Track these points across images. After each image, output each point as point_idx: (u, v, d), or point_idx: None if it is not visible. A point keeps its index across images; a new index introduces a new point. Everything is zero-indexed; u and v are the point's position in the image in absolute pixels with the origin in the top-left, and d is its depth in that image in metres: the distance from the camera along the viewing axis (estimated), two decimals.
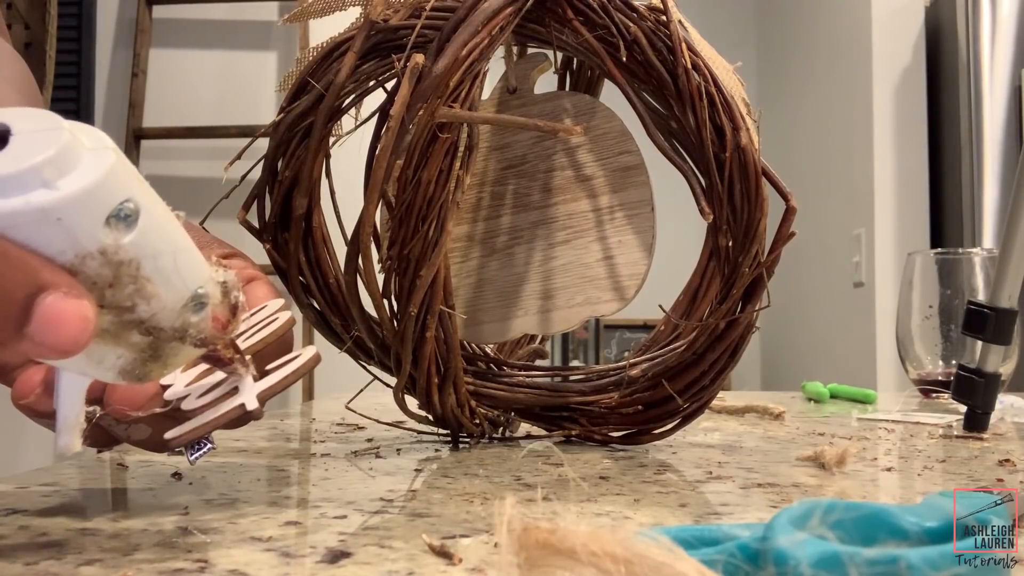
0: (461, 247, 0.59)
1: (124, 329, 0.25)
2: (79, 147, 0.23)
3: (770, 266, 0.50)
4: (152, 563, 0.26)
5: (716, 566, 0.20)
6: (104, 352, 0.25)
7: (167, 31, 2.51)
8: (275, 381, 0.31)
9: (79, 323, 0.23)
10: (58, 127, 0.23)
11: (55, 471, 0.44)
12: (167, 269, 0.25)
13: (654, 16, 0.50)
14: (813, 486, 0.41)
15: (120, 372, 0.26)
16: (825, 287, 2.72)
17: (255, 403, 0.30)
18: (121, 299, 0.25)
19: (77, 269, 0.24)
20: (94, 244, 0.23)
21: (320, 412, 0.81)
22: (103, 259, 0.24)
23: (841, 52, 2.57)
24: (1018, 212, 0.64)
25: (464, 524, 0.31)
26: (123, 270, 0.24)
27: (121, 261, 0.24)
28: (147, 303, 0.25)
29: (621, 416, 0.55)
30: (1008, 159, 2.02)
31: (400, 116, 0.46)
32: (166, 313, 0.26)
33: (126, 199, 0.24)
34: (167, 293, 0.26)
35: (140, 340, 0.26)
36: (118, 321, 0.25)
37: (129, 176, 0.24)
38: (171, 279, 0.26)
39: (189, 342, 0.27)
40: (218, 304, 0.28)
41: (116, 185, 0.24)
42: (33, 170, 0.22)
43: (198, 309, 0.27)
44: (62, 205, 0.23)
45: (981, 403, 0.64)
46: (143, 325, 0.25)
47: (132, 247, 0.24)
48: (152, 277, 0.25)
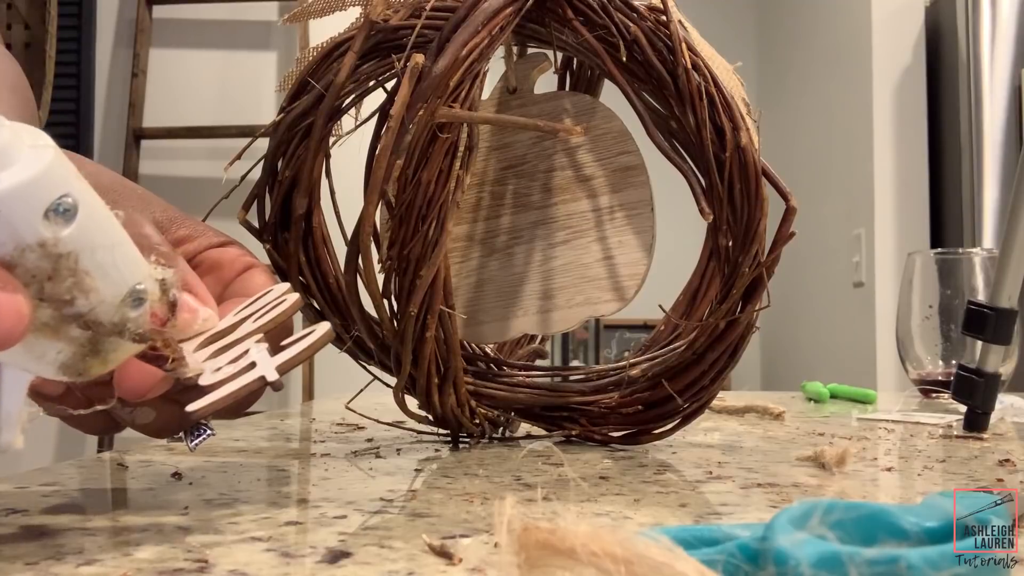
0: (461, 247, 0.59)
1: (63, 323, 0.26)
2: (19, 143, 0.24)
3: (770, 266, 0.50)
4: (152, 563, 0.26)
5: (716, 566, 0.20)
6: (44, 347, 0.26)
7: (167, 31, 2.51)
8: (293, 354, 0.31)
9: (14, 316, 0.24)
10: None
11: (55, 471, 0.44)
12: (105, 263, 0.26)
13: (654, 16, 0.50)
14: (813, 486, 0.41)
15: (60, 367, 0.27)
16: (825, 287, 2.72)
17: (275, 375, 0.30)
18: (60, 292, 0.25)
19: (16, 262, 0.24)
20: (33, 237, 0.24)
21: (320, 412, 0.81)
22: (42, 252, 0.24)
23: (841, 52, 2.57)
24: (1018, 212, 0.64)
25: (464, 524, 0.31)
26: (62, 263, 0.25)
27: (60, 254, 0.25)
28: (86, 297, 0.26)
29: (621, 416, 0.55)
30: (1008, 159, 2.02)
31: (400, 116, 0.46)
32: (105, 308, 0.26)
33: (64, 194, 0.25)
34: (105, 287, 0.26)
35: (79, 335, 0.26)
36: (57, 315, 0.26)
37: (68, 172, 0.25)
38: (109, 273, 0.26)
39: (128, 337, 0.28)
40: (156, 301, 0.29)
41: (55, 180, 0.24)
42: None
43: (136, 304, 0.28)
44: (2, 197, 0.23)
45: (981, 403, 0.64)
46: (82, 319, 0.26)
47: (71, 240, 0.25)
48: (91, 270, 0.26)
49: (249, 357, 0.31)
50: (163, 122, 2.43)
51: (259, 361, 0.31)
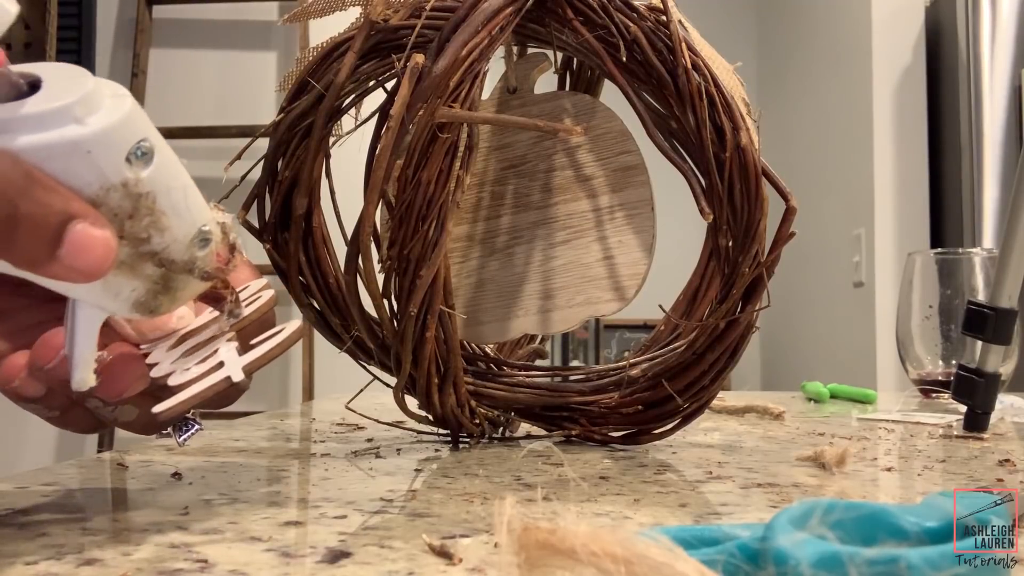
0: (461, 247, 0.59)
1: (140, 261, 0.28)
2: (102, 93, 0.26)
3: (770, 266, 0.50)
4: (152, 563, 0.26)
5: (716, 566, 0.20)
6: (121, 284, 0.28)
7: (167, 31, 2.51)
8: (260, 354, 0.32)
9: (104, 249, 0.26)
10: (84, 75, 0.26)
11: (55, 471, 0.44)
12: (178, 204, 0.28)
13: (654, 16, 0.50)
14: (813, 486, 0.41)
15: (134, 304, 0.29)
16: (825, 287, 2.72)
17: (240, 375, 0.31)
18: (138, 230, 0.27)
19: (101, 201, 0.26)
20: (117, 177, 0.26)
21: (320, 412, 0.81)
22: (124, 191, 0.27)
23: (841, 52, 2.57)
24: (1018, 212, 0.64)
25: (464, 524, 0.31)
26: (141, 202, 0.27)
27: (140, 194, 0.27)
28: (161, 235, 0.28)
29: (621, 416, 0.55)
30: (1008, 159, 2.02)
31: (400, 116, 0.46)
32: (177, 246, 0.29)
33: (143, 138, 0.27)
34: (178, 226, 0.28)
35: (153, 272, 0.29)
36: (135, 252, 0.28)
37: (145, 120, 0.27)
38: (181, 214, 0.28)
39: (197, 275, 0.30)
40: (219, 242, 0.31)
41: (135, 125, 0.27)
42: (66, 108, 0.25)
43: (203, 245, 0.30)
44: (92, 138, 0.26)
45: (981, 403, 0.64)
46: (157, 257, 0.28)
47: (149, 181, 0.27)
48: (166, 210, 0.28)
49: (218, 357, 0.32)
50: (163, 122, 2.43)
51: (227, 361, 0.31)
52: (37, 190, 0.25)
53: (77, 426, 0.35)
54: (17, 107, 0.25)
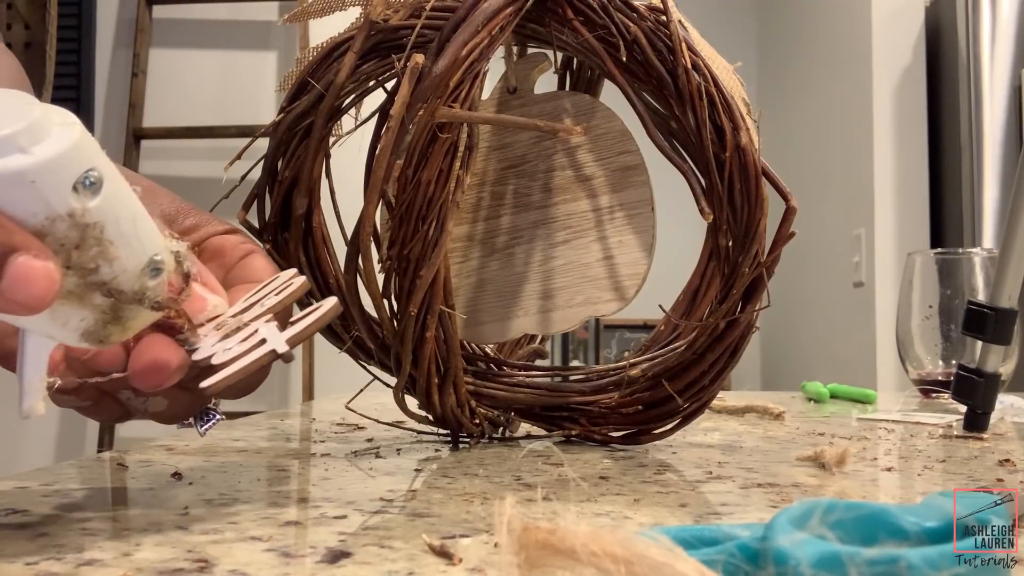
0: (461, 247, 0.59)
1: (88, 291, 0.28)
2: (49, 121, 0.26)
3: (770, 266, 0.50)
4: (152, 563, 0.26)
5: (716, 566, 0.20)
6: (69, 314, 0.28)
7: (167, 31, 2.51)
8: (301, 328, 0.32)
9: (46, 282, 0.26)
10: (30, 103, 0.26)
11: (55, 471, 0.44)
12: (128, 234, 0.28)
13: (654, 16, 0.50)
14: (813, 486, 0.41)
15: (83, 334, 0.29)
16: (825, 287, 2.71)
17: (285, 347, 0.31)
18: (86, 261, 0.27)
19: (46, 231, 0.26)
20: (63, 207, 0.26)
21: (320, 412, 0.81)
22: (71, 221, 0.26)
23: (841, 52, 2.57)
24: (1018, 212, 0.64)
25: (464, 524, 0.31)
26: (89, 232, 0.27)
27: (87, 224, 0.27)
28: (109, 265, 0.28)
29: (621, 416, 0.55)
30: (1008, 159, 2.02)
31: (400, 116, 0.46)
32: (126, 276, 0.28)
33: (91, 168, 0.26)
34: (128, 256, 0.28)
35: (102, 302, 0.28)
36: (83, 283, 0.27)
37: (93, 148, 0.27)
38: (131, 243, 0.28)
39: (147, 305, 0.29)
40: (172, 271, 0.30)
41: (83, 154, 0.26)
42: (9, 138, 0.25)
43: (155, 274, 0.29)
44: (37, 168, 0.25)
45: (981, 403, 0.64)
46: (105, 287, 0.28)
47: (97, 211, 0.27)
48: (114, 240, 0.27)
49: (259, 335, 0.32)
50: (163, 122, 2.43)
51: (269, 337, 0.31)
52: None
53: (108, 416, 0.35)
54: None
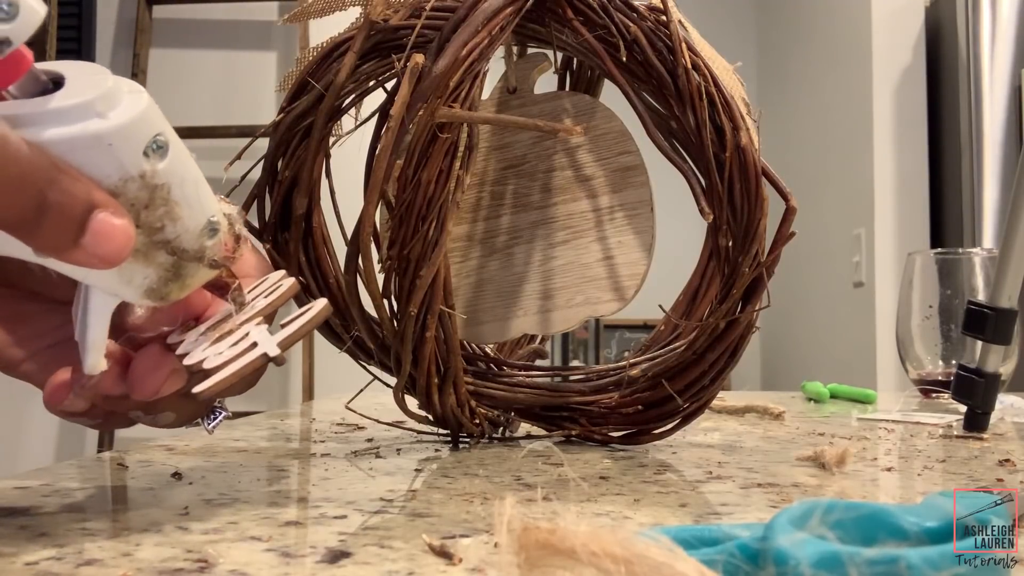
0: (461, 247, 0.59)
1: (154, 249, 0.30)
2: (121, 89, 0.28)
3: (770, 266, 0.50)
4: (152, 563, 0.26)
5: (716, 566, 0.20)
6: (134, 271, 0.30)
7: (167, 31, 2.51)
8: (292, 331, 0.32)
9: (124, 237, 0.28)
10: (103, 72, 0.28)
11: (55, 471, 0.44)
12: (190, 195, 0.30)
13: (654, 16, 0.50)
14: (813, 486, 0.41)
15: (146, 291, 0.30)
16: (825, 287, 2.71)
17: (277, 349, 0.31)
18: (153, 220, 0.29)
19: (120, 191, 0.28)
20: (135, 168, 0.28)
21: (320, 412, 0.81)
22: (142, 182, 0.28)
23: (841, 52, 2.57)
24: (1018, 212, 0.64)
25: (464, 524, 0.31)
26: (157, 193, 0.29)
27: (156, 185, 0.29)
28: (174, 225, 0.30)
29: (621, 416, 0.55)
30: (1008, 159, 2.02)
31: (400, 116, 0.46)
32: (188, 236, 0.30)
33: (159, 132, 0.29)
34: (190, 216, 0.30)
35: (166, 260, 0.30)
36: (149, 241, 0.29)
37: (160, 115, 0.29)
38: (193, 205, 0.30)
39: (206, 263, 0.31)
40: (226, 232, 0.32)
41: (152, 120, 0.28)
42: (88, 103, 0.27)
43: (212, 234, 0.31)
44: (113, 131, 0.27)
45: (981, 403, 0.64)
46: (169, 245, 0.30)
47: (164, 173, 0.29)
48: (179, 201, 0.29)
49: (250, 339, 0.32)
50: None
51: (260, 340, 0.32)
52: (63, 180, 0.26)
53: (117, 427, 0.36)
54: (44, 102, 0.27)
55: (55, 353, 0.36)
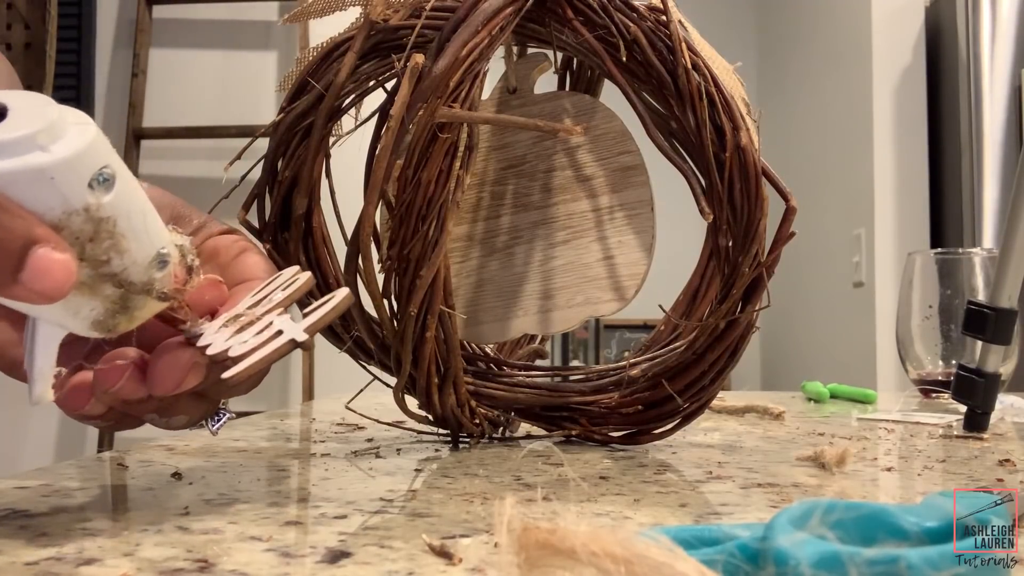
0: (461, 247, 0.59)
1: (99, 282, 0.29)
2: (65, 121, 0.27)
3: (770, 266, 0.50)
4: (152, 563, 0.26)
5: (716, 566, 0.20)
6: (80, 304, 0.29)
7: (167, 31, 2.51)
8: (318, 316, 0.32)
9: (64, 273, 0.27)
10: (48, 103, 0.27)
11: (55, 471, 0.44)
12: (138, 227, 0.29)
13: (654, 16, 0.50)
14: (813, 486, 0.41)
15: (92, 323, 0.30)
16: (825, 287, 2.71)
17: (304, 335, 0.31)
18: (99, 253, 0.28)
19: (63, 225, 0.27)
20: (79, 202, 0.27)
21: (320, 412, 0.81)
22: (86, 216, 0.28)
23: (841, 52, 2.57)
24: (1018, 212, 0.64)
25: (464, 524, 0.31)
26: (102, 226, 0.28)
27: (101, 218, 0.28)
28: (120, 257, 0.29)
29: (621, 416, 0.55)
30: (1008, 159, 2.02)
31: (400, 116, 0.46)
32: (136, 268, 0.30)
33: (105, 165, 0.28)
34: (137, 249, 0.29)
35: (112, 292, 0.29)
36: (95, 274, 0.29)
37: (107, 147, 0.28)
38: (140, 237, 0.29)
39: (154, 295, 0.31)
40: (177, 264, 0.32)
41: (98, 152, 0.28)
42: (30, 137, 0.26)
43: (162, 267, 0.31)
44: (55, 165, 0.27)
45: (981, 403, 0.64)
46: (116, 278, 0.29)
47: (110, 206, 0.28)
48: (126, 233, 0.29)
49: (275, 327, 0.32)
50: (163, 122, 2.43)
51: (285, 328, 0.32)
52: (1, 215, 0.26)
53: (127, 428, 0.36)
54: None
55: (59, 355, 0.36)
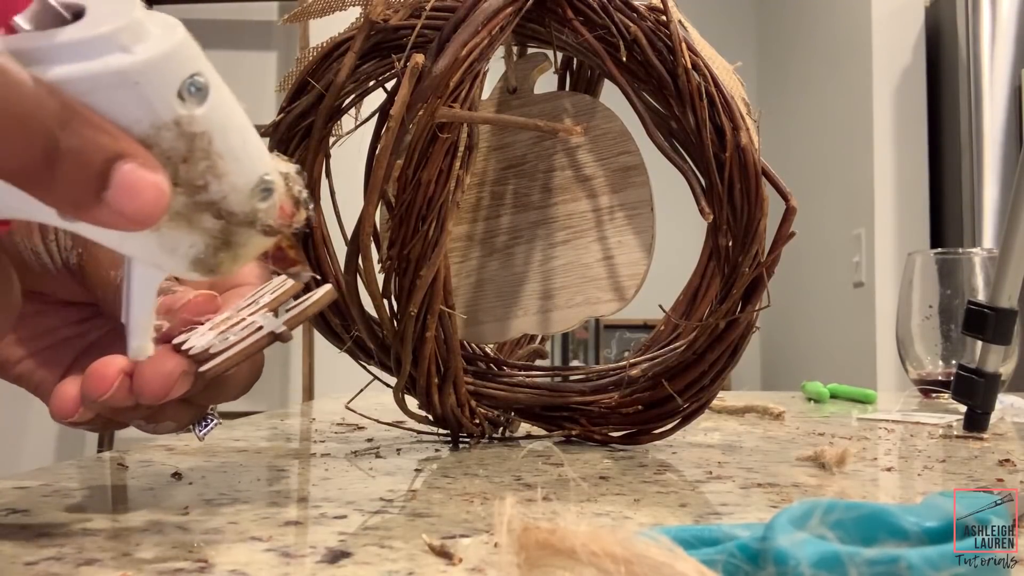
0: (461, 247, 0.59)
1: (197, 211, 0.25)
2: (152, 21, 0.24)
3: (770, 266, 0.50)
4: (152, 563, 0.26)
5: (716, 566, 0.20)
6: (177, 238, 0.26)
7: None
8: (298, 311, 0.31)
9: (155, 193, 0.24)
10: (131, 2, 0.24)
11: (55, 471, 0.44)
12: (236, 147, 0.26)
13: (654, 16, 0.50)
14: (813, 486, 0.41)
15: (193, 262, 0.26)
16: (825, 287, 2.72)
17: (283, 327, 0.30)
18: (194, 176, 0.25)
19: (152, 141, 0.24)
20: (169, 114, 0.24)
21: (320, 412, 0.81)
22: (177, 131, 0.24)
23: (841, 52, 2.57)
24: (1018, 212, 0.64)
25: (464, 524, 0.31)
26: (196, 144, 0.25)
27: (195, 133, 0.24)
28: (219, 182, 0.25)
29: (621, 416, 0.55)
30: (1008, 159, 2.02)
31: (400, 116, 0.46)
32: (237, 196, 0.26)
33: (197, 72, 0.24)
34: (238, 173, 0.26)
35: (212, 225, 0.26)
36: (191, 202, 0.25)
37: (198, 53, 0.25)
38: (240, 158, 0.26)
39: (259, 229, 0.27)
40: (283, 194, 0.28)
41: (187, 57, 0.24)
42: (111, 35, 0.23)
43: (266, 196, 0.27)
44: (140, 68, 0.23)
45: (981, 403, 0.64)
46: (215, 207, 0.26)
47: (205, 120, 0.25)
48: (224, 154, 0.25)
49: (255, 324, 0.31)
50: None
51: (265, 324, 0.31)
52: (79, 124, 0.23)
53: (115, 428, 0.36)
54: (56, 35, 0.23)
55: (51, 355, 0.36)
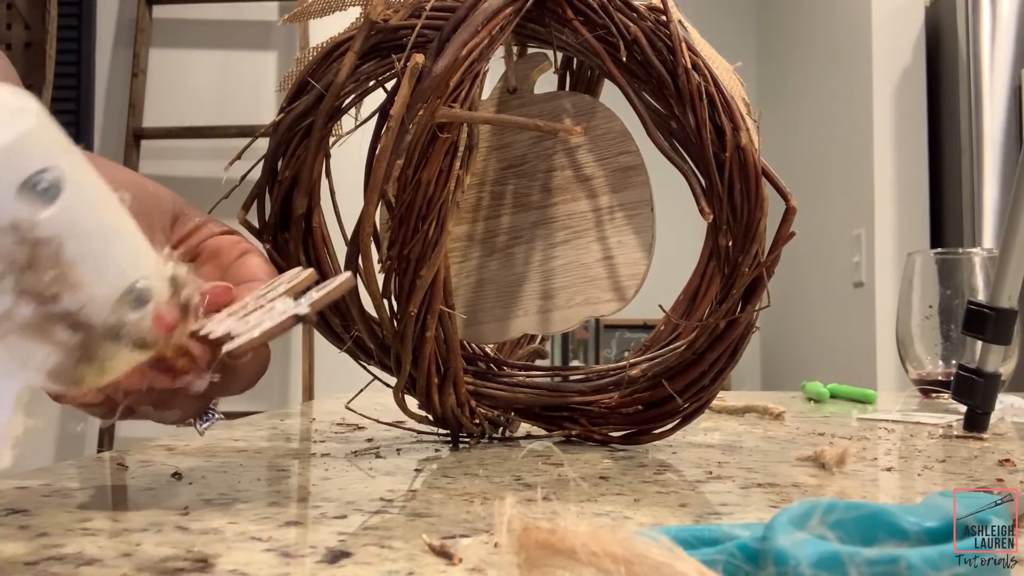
0: (461, 247, 0.59)
1: (48, 323, 0.23)
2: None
3: (770, 266, 0.50)
4: (152, 563, 0.26)
5: (716, 566, 0.20)
6: (30, 350, 0.23)
7: (167, 31, 2.51)
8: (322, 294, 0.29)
9: None
10: None
11: (55, 471, 0.44)
12: (97, 254, 0.23)
13: (654, 16, 0.50)
14: (813, 486, 0.41)
15: (50, 374, 0.24)
16: (825, 287, 2.71)
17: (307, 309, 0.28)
18: (40, 286, 0.22)
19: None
20: (4, 216, 0.21)
21: (320, 412, 0.81)
22: (16, 235, 0.21)
23: (841, 52, 2.57)
24: (1018, 212, 0.64)
25: (464, 524, 0.31)
26: (41, 250, 0.21)
27: (38, 239, 0.21)
28: (73, 293, 0.22)
29: (621, 416, 0.55)
30: (1008, 159, 2.02)
31: (400, 116, 0.46)
32: (96, 306, 0.23)
33: (44, 168, 0.21)
34: (97, 282, 0.23)
35: (68, 338, 0.23)
36: (41, 313, 0.22)
37: (53, 144, 0.22)
38: (102, 266, 0.23)
39: (126, 342, 0.24)
40: (164, 301, 0.25)
41: (34, 150, 0.21)
42: None
43: (137, 305, 0.24)
44: None
45: (981, 403, 0.64)
46: (70, 318, 0.23)
47: (52, 224, 0.21)
48: (78, 261, 0.22)
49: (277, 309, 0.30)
50: (163, 122, 2.43)
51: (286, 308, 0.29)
52: None
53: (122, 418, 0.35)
54: None
55: None
